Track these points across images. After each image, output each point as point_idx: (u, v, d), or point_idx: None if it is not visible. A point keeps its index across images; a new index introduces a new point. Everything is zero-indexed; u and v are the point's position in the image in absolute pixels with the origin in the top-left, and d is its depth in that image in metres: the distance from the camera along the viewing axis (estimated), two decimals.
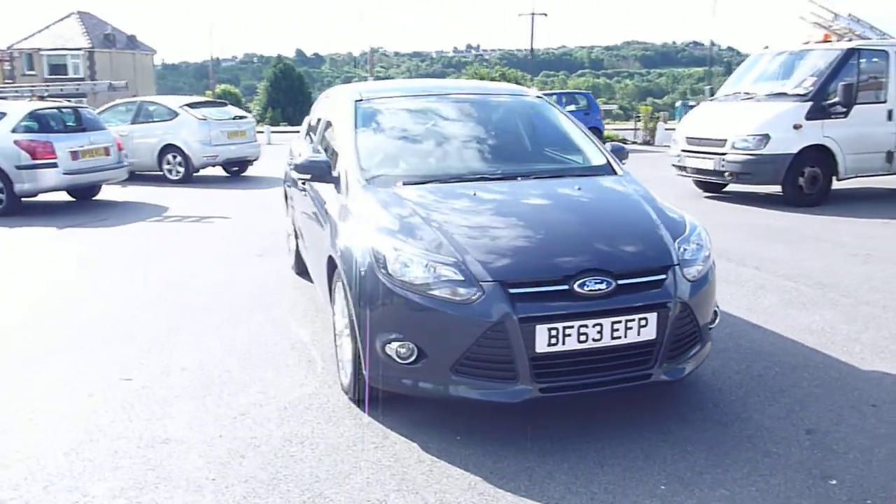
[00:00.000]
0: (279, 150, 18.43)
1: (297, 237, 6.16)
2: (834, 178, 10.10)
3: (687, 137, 10.86)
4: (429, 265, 3.29)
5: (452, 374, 3.22)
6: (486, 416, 3.52)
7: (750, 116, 9.98)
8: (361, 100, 4.84)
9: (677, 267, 3.44)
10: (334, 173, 4.34)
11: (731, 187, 11.20)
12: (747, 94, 10.66)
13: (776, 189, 10.30)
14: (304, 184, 5.11)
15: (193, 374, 4.24)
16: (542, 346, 3.14)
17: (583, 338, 3.17)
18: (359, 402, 3.71)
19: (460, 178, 4.13)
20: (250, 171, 16.03)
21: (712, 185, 11.25)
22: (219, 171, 15.83)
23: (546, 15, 65.20)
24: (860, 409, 3.62)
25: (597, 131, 21.80)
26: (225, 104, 16.73)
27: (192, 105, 14.75)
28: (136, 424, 3.58)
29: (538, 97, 5.29)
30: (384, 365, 3.36)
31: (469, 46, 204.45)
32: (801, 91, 9.95)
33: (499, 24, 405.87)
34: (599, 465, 3.11)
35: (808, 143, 9.73)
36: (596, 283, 3.22)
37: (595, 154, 4.65)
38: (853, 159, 10.00)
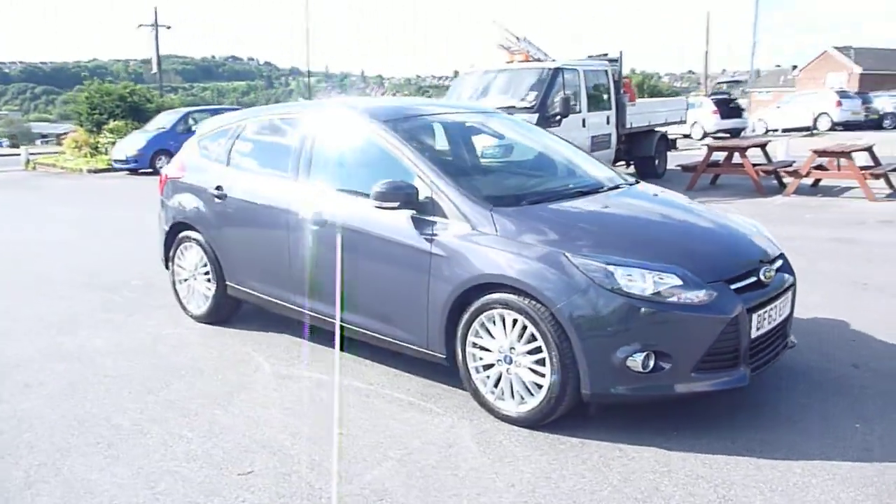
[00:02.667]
0: None
1: (215, 274, 5.28)
2: None
3: None
4: (651, 275, 3.44)
5: (693, 372, 3.45)
6: (656, 412, 3.79)
7: None
8: (391, 120, 4.49)
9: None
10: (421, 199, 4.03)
11: None
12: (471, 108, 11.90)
13: None
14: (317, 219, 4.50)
15: None
16: (754, 331, 3.58)
17: (770, 318, 3.70)
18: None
19: (560, 195, 4.21)
20: None
21: None
22: None
23: None
24: None
25: None
26: None
27: None
28: None
29: (508, 113, 5.51)
30: (619, 376, 3.41)
31: None
32: (526, 104, 11.54)
33: None
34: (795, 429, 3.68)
35: None
36: (768, 271, 3.77)
37: (593, 163, 5.09)
38: None
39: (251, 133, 5.28)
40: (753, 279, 3.68)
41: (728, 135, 26.06)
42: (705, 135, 26.92)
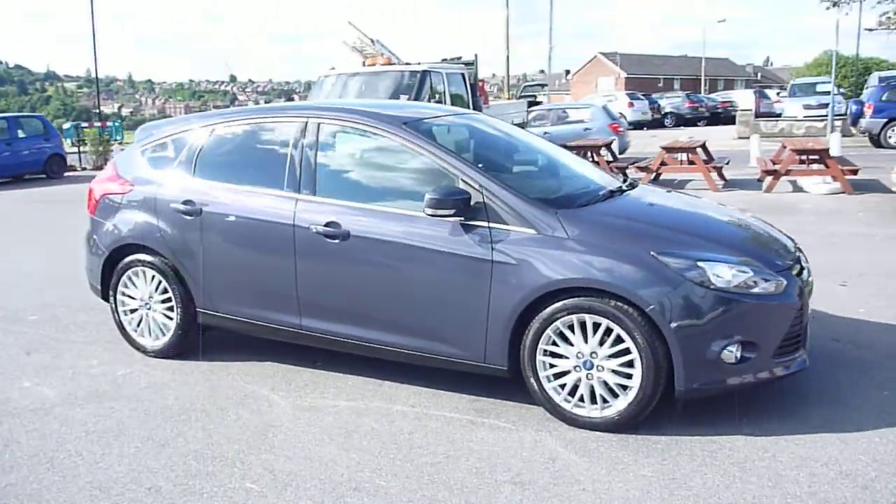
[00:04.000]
0: None
1: (179, 301, 4.65)
2: None
3: None
4: (732, 269, 3.55)
5: (774, 358, 3.60)
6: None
7: None
8: (411, 121, 4.20)
9: None
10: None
11: None
12: None
13: None
14: (325, 229, 4.09)
15: None
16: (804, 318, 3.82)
17: (808, 303, 3.97)
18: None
19: (597, 197, 4.16)
20: None
21: None
22: None
23: None
24: None
25: (60, 158, 19.34)
26: None
27: None
28: None
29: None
30: (712, 370, 3.48)
31: None
32: None
33: None
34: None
35: None
36: (802, 262, 4.04)
37: (582, 162, 5.13)
38: None
39: (225, 139, 4.69)
40: (799, 267, 3.92)
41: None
42: None
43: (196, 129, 4.75)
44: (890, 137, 19.27)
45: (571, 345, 3.66)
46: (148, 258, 4.74)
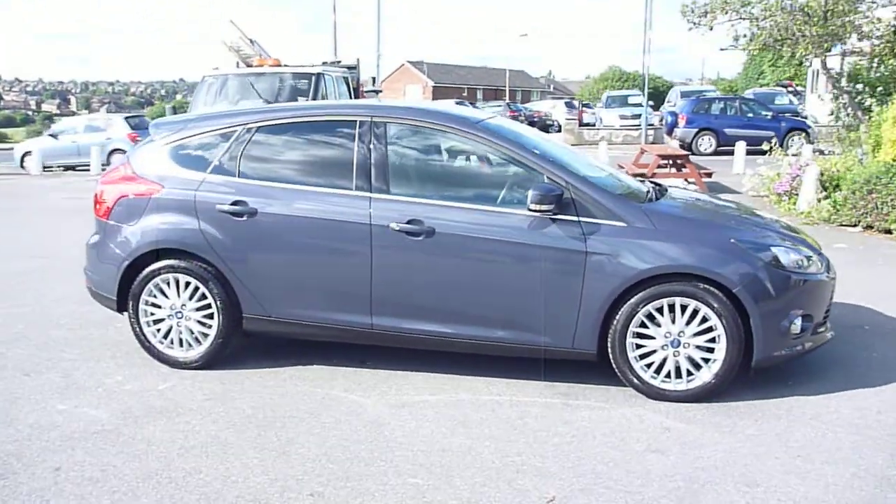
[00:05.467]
0: None
1: (222, 308, 4.44)
2: None
3: None
4: (792, 252, 4.12)
5: (819, 328, 4.22)
6: None
7: None
8: (481, 121, 4.36)
9: None
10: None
11: None
12: None
13: None
14: (405, 228, 4.13)
15: None
16: None
17: None
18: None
19: (647, 196, 4.54)
20: None
21: None
22: None
23: None
24: None
25: None
26: None
27: None
28: None
29: None
30: (783, 339, 4.02)
31: None
32: None
33: None
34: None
35: None
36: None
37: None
38: None
39: (272, 138, 4.51)
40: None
41: None
42: None
43: (233, 128, 4.53)
44: (700, 145, 21.82)
45: (659, 326, 4.03)
46: (182, 264, 4.45)
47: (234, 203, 4.36)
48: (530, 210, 3.98)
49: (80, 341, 5.13)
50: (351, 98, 13.20)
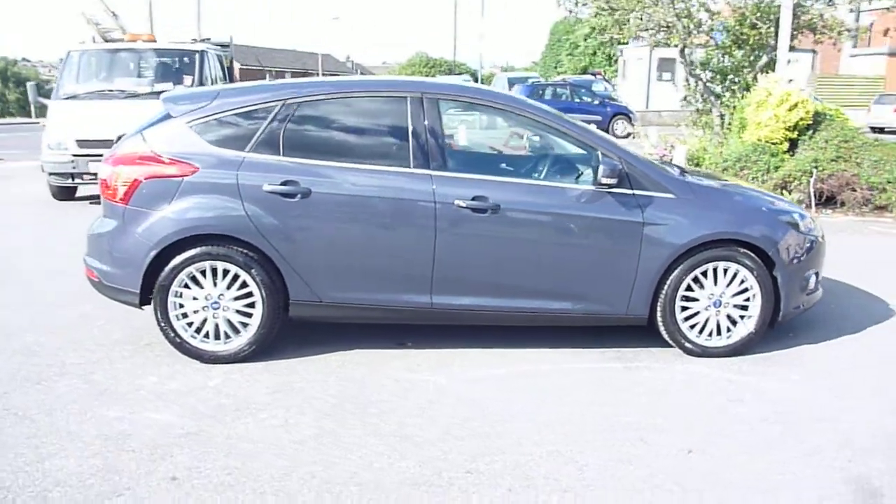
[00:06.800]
0: None
1: (266, 296, 4.17)
2: None
3: (79, 140, 9.61)
4: (806, 218, 4.66)
5: (818, 284, 4.80)
6: None
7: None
8: (531, 99, 4.42)
9: None
10: None
11: None
12: (125, 91, 10.19)
13: None
14: (470, 204, 4.14)
15: None
16: None
17: None
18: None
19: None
20: None
21: (68, 192, 10.38)
22: None
23: None
24: None
25: None
26: None
27: None
28: None
29: None
30: (801, 295, 4.55)
31: None
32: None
33: None
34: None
35: None
36: None
37: None
38: None
39: (316, 115, 4.27)
40: None
41: None
42: None
43: (271, 103, 4.24)
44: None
45: (703, 288, 4.39)
46: (220, 250, 4.13)
47: (284, 183, 4.11)
48: (601, 184, 4.16)
49: (72, 343, 4.56)
50: (227, 79, 12.49)
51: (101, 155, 9.19)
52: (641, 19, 12.14)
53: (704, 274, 4.36)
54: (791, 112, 10.25)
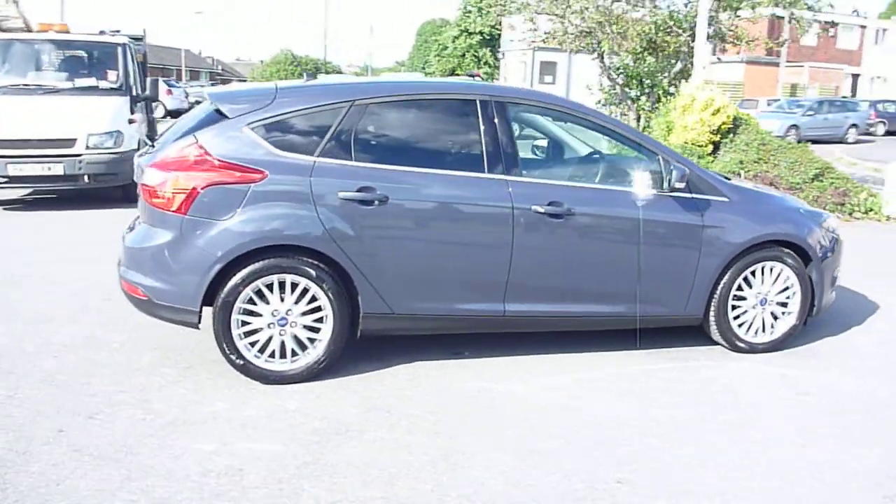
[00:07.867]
0: None
1: (337, 310, 3.93)
2: None
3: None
4: (829, 216, 4.96)
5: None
6: None
7: (88, 113, 8.99)
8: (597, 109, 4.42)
9: None
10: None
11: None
12: (43, 86, 9.26)
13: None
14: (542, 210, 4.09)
15: None
16: None
17: None
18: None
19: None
20: None
21: None
22: None
23: None
24: None
25: None
26: None
27: None
28: None
29: None
30: (828, 291, 4.84)
31: None
32: (112, 85, 9.59)
33: None
34: None
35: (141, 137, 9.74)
36: None
37: None
38: None
39: (385, 118, 4.06)
40: None
41: None
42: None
43: (339, 105, 3.98)
44: None
45: (751, 287, 4.58)
46: (291, 262, 3.84)
47: (361, 189, 3.88)
48: (674, 189, 4.23)
49: (98, 368, 4.09)
50: (143, 74, 11.63)
51: (19, 156, 8.57)
52: (574, 24, 12.51)
53: (753, 273, 4.55)
54: (714, 116, 10.93)
